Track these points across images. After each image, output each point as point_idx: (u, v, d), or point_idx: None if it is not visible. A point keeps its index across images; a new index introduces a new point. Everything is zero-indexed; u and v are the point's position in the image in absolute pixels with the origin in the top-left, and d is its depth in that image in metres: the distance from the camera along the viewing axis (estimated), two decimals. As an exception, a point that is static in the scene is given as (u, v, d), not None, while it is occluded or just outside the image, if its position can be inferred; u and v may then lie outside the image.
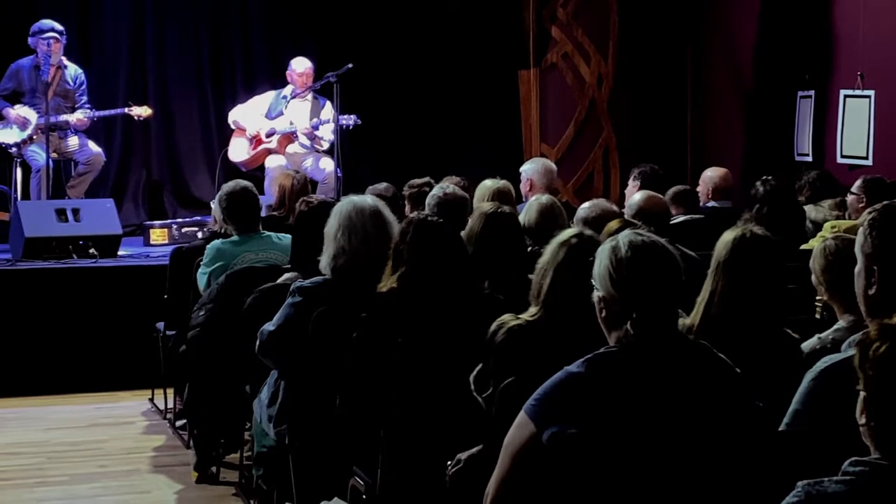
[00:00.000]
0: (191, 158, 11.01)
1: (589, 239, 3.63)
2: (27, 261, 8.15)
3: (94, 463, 6.32)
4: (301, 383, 4.52)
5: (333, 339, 4.27)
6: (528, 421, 2.86)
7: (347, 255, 4.46)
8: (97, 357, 7.86)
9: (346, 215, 4.51)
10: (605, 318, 2.96)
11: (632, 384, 2.85)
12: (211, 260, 5.94)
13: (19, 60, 9.34)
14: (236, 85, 10.71)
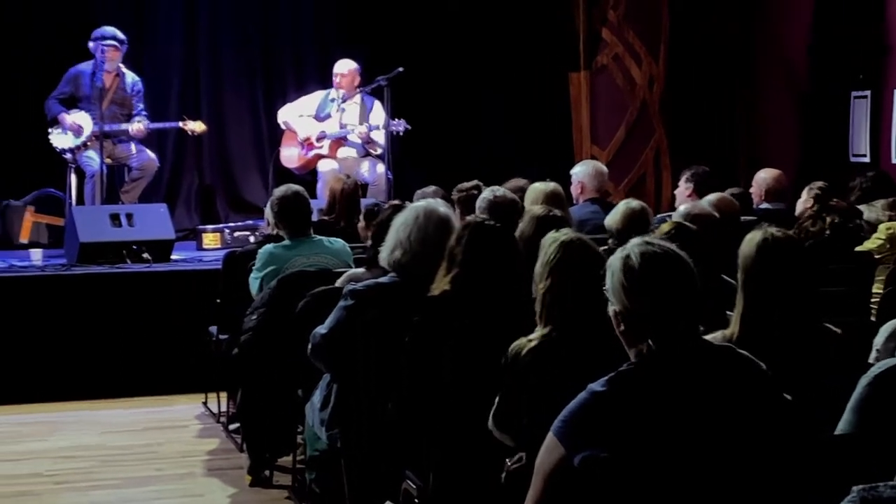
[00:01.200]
0: (243, 163, 11.08)
1: (580, 241, 3.63)
2: (82, 265, 8.22)
3: (148, 466, 6.36)
4: (353, 387, 4.52)
5: (385, 342, 4.28)
6: (557, 444, 2.81)
7: (404, 250, 4.47)
8: (151, 361, 7.91)
9: (415, 213, 4.54)
10: (623, 332, 2.89)
11: (657, 399, 2.78)
12: (263, 264, 5.97)
13: (78, 65, 9.43)
14: (287, 89, 10.75)
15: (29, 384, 7.74)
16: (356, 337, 4.41)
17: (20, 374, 7.75)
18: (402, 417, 4.19)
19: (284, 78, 11.03)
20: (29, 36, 10.30)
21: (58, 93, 9.40)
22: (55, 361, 7.80)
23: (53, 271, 8.20)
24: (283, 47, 11.14)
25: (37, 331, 7.81)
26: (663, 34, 10.92)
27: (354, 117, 9.63)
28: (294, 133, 9.74)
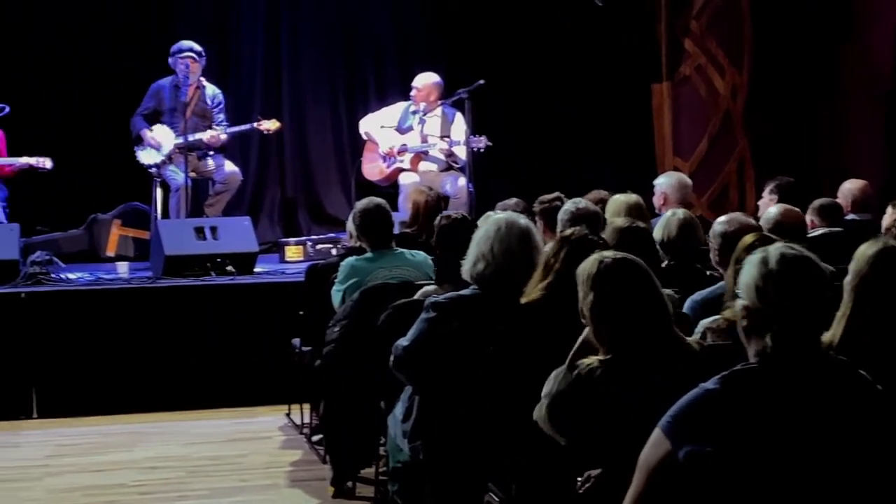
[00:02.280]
0: (324, 176, 11.16)
1: (621, 259, 3.62)
2: (167, 278, 8.31)
3: (233, 477, 6.40)
4: (435, 399, 4.52)
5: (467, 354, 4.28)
6: (663, 439, 2.83)
7: (486, 262, 4.47)
8: (235, 372, 7.98)
9: (497, 225, 4.53)
10: (745, 328, 2.92)
11: (769, 402, 2.79)
12: (345, 277, 5.99)
13: (160, 80, 9.55)
14: (369, 102, 10.81)
15: (115, 395, 7.85)
16: (438, 349, 4.41)
17: (106, 386, 7.85)
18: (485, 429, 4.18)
19: (366, 90, 11.10)
20: (115, 53, 10.46)
21: (142, 109, 9.53)
22: (141, 373, 7.90)
23: (139, 284, 8.30)
24: (364, 60, 11.21)
25: (123, 343, 7.91)
26: (746, 44, 10.83)
27: (436, 129, 9.64)
28: (375, 145, 9.78)
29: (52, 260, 8.52)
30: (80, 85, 10.39)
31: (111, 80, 10.29)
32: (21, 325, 7.78)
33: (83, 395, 7.82)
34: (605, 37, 10.96)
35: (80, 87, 10.39)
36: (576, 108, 11.00)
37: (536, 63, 10.94)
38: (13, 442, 7.23)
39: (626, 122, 11.01)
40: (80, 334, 7.87)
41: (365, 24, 11.19)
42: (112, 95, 10.04)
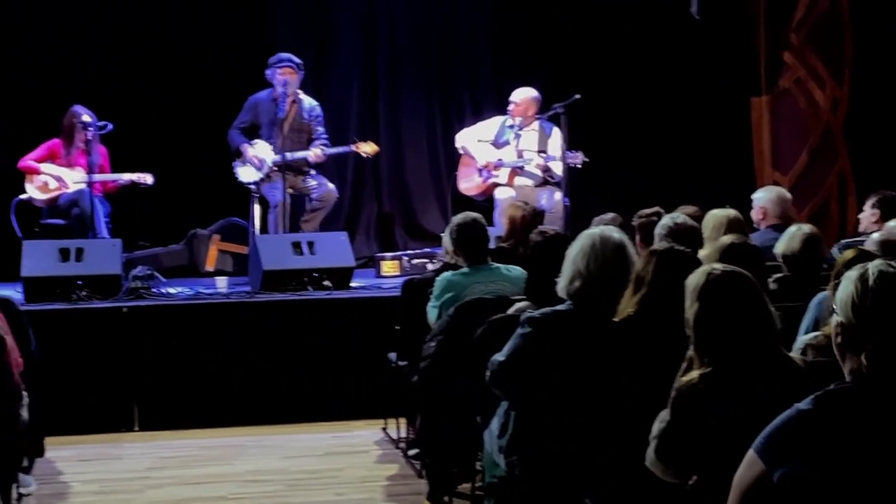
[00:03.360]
0: (420, 191, 11.21)
1: (730, 272, 3.57)
2: (265, 293, 8.39)
3: (331, 491, 6.44)
4: (531, 414, 4.51)
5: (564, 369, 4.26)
6: (756, 460, 2.79)
7: (584, 280, 4.44)
8: (332, 387, 8.03)
9: (591, 241, 4.51)
10: (839, 345, 2.86)
11: (863, 422, 2.73)
12: (441, 291, 6.00)
13: (257, 94, 9.66)
14: (465, 118, 10.83)
15: (214, 409, 7.94)
16: (534, 364, 4.40)
17: (206, 399, 7.95)
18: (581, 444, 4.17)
19: (462, 106, 11.13)
20: (212, 69, 10.61)
21: (239, 122, 9.64)
22: (240, 386, 7.98)
23: (238, 298, 8.40)
24: (460, 75, 11.25)
25: (222, 356, 8.00)
26: (847, 56, 10.68)
27: (533, 144, 9.63)
28: (471, 159, 9.79)
29: (154, 275, 8.65)
30: (180, 101, 10.55)
31: (209, 96, 10.43)
32: (123, 339, 7.91)
33: (184, 409, 7.92)
34: (703, 50, 10.88)
35: (179, 104, 10.55)
36: (673, 121, 10.93)
37: (633, 77, 10.90)
38: (115, 454, 7.34)
39: (724, 136, 10.91)
40: (181, 348, 7.98)
41: (460, 40, 11.22)
42: (210, 111, 10.17)
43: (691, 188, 9.88)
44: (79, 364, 7.80)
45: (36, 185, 9.41)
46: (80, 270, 8.29)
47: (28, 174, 9.42)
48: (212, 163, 9.96)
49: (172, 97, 10.57)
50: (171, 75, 10.63)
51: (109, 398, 7.87)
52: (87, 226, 9.09)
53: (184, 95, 10.57)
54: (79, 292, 8.13)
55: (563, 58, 10.84)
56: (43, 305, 7.97)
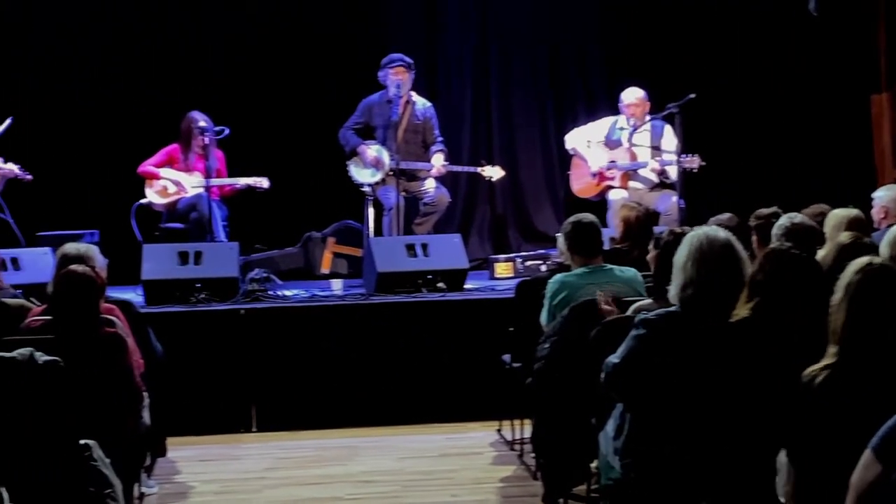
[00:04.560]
0: (534, 193, 11.19)
1: (883, 267, 3.49)
2: (380, 295, 8.44)
3: (445, 492, 6.45)
4: (647, 416, 4.48)
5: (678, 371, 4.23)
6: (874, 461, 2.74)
7: (695, 285, 4.39)
8: (446, 388, 8.05)
9: (698, 246, 4.45)
10: None
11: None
12: (554, 293, 5.98)
13: (369, 97, 9.72)
14: (578, 119, 10.78)
15: (329, 410, 8.00)
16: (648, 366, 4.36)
17: (321, 401, 8.02)
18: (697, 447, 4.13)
19: (575, 107, 11.08)
20: (325, 71, 10.71)
21: (352, 123, 9.70)
22: (355, 388, 8.04)
23: (353, 300, 8.46)
24: (572, 76, 11.21)
25: (337, 358, 8.07)
26: (970, 50, 10.44)
27: (645, 143, 9.55)
28: (583, 161, 9.75)
29: (270, 277, 8.74)
30: (295, 106, 10.67)
31: (323, 100, 10.52)
32: (240, 341, 8.01)
33: (300, 410, 8.00)
34: (822, 47, 10.71)
35: (294, 108, 10.67)
36: (792, 119, 10.77)
37: (749, 75, 10.76)
38: (234, 455, 7.45)
39: (843, 134, 10.72)
40: (297, 350, 8.07)
41: (572, 40, 11.18)
42: (324, 115, 10.24)
43: (810, 188, 9.72)
44: (198, 366, 7.93)
45: (155, 189, 9.58)
46: (199, 273, 8.42)
47: (147, 179, 9.59)
48: (327, 166, 10.05)
49: (287, 101, 10.68)
50: (285, 79, 10.75)
51: (228, 399, 7.98)
52: (206, 229, 9.23)
53: (298, 99, 10.68)
54: (197, 295, 8.25)
55: (673, 57, 10.73)
56: (162, 308, 8.11)
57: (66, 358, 4.53)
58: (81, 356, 4.97)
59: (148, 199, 9.59)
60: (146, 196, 9.59)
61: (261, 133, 10.44)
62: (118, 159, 10.01)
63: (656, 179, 9.51)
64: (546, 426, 6.07)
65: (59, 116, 10.45)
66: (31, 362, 4.38)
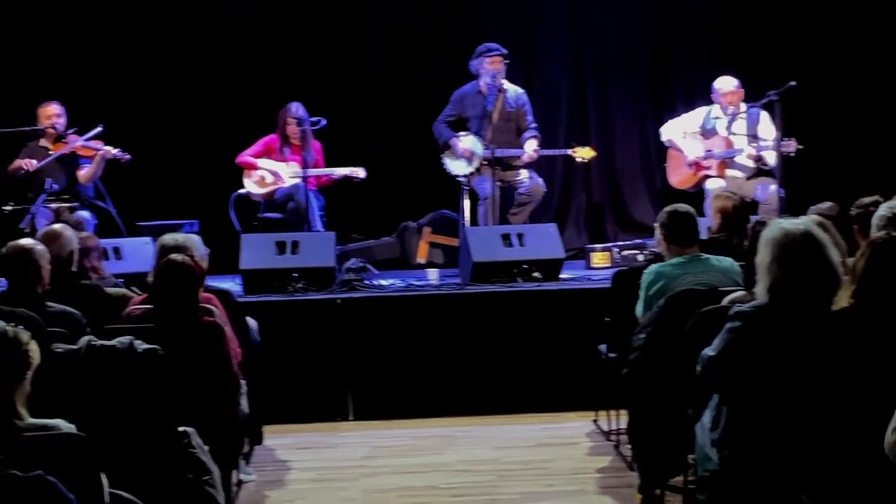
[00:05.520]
0: (631, 182, 11.13)
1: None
2: (475, 284, 8.45)
3: (541, 482, 6.45)
4: (744, 408, 4.43)
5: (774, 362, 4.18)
6: None
7: (782, 283, 4.34)
8: (542, 378, 8.04)
9: (778, 244, 4.39)
10: None
11: None
12: (650, 283, 5.94)
13: (462, 87, 9.73)
14: (676, 106, 10.69)
15: (426, 399, 8.03)
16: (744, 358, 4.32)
17: (418, 390, 8.05)
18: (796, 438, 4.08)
19: (672, 95, 10.99)
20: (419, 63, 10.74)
21: (445, 116, 9.72)
22: (450, 377, 8.06)
23: (448, 290, 8.49)
24: (670, 64, 11.12)
25: (433, 348, 8.10)
26: None
27: (742, 131, 9.44)
28: (679, 152, 9.66)
29: (366, 267, 8.80)
30: (389, 96, 10.72)
31: (417, 90, 10.56)
32: (337, 330, 8.07)
33: (396, 399, 8.04)
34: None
35: (390, 99, 10.72)
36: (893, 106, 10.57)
37: (848, 61, 10.59)
38: (331, 443, 7.51)
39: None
40: (393, 339, 8.11)
41: (670, 27, 11.08)
42: (418, 105, 10.27)
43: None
44: (295, 355, 8.00)
45: (253, 179, 9.69)
46: (296, 263, 8.49)
47: (245, 169, 9.70)
48: (422, 156, 10.07)
49: (382, 93, 10.73)
50: (380, 70, 10.80)
51: (325, 388, 8.05)
52: (303, 219, 9.31)
53: (393, 91, 10.72)
54: (294, 284, 8.33)
55: (773, 45, 10.59)
56: (260, 297, 8.20)
57: (166, 346, 4.59)
58: (181, 344, 5.03)
59: (246, 190, 9.70)
60: (244, 186, 9.70)
61: (358, 123, 10.51)
62: (217, 150, 10.13)
63: (753, 166, 9.39)
64: (642, 417, 6.03)
65: (160, 108, 10.60)
66: (130, 350, 4.45)
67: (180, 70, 10.71)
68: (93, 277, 6.71)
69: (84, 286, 6.27)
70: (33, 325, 4.50)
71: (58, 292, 5.68)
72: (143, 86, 10.58)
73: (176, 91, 10.67)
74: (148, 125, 10.42)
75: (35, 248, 5.62)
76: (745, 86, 9.47)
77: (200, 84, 10.69)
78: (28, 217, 8.62)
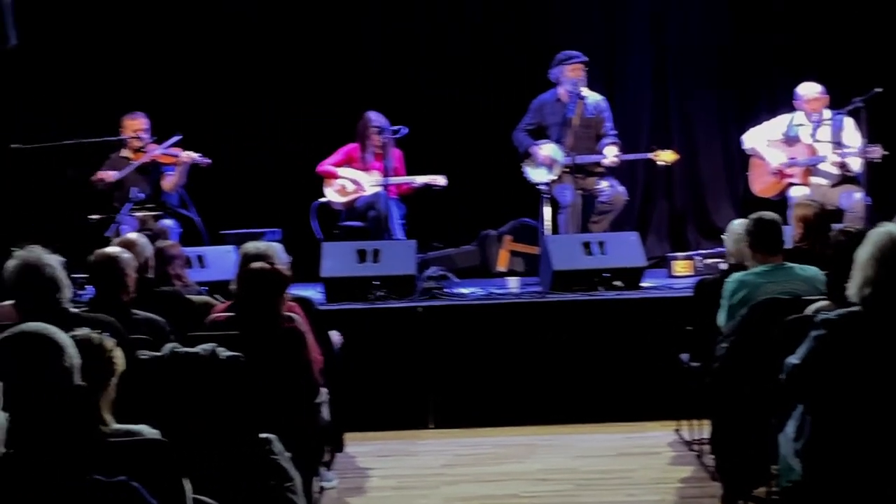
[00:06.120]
0: (714, 189, 11.03)
1: None
2: (556, 293, 8.42)
3: (622, 492, 6.41)
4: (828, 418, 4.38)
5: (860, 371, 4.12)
6: None
7: (874, 285, 4.28)
8: (623, 387, 8.00)
9: (880, 245, 4.33)
10: None
11: None
12: (733, 291, 5.90)
13: (542, 95, 9.71)
14: (759, 116, 10.58)
15: (506, 407, 8.02)
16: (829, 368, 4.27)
17: (498, 398, 8.05)
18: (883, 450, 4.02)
19: (756, 102, 10.87)
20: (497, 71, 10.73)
21: (524, 124, 9.72)
22: (531, 386, 8.05)
23: (529, 298, 8.47)
24: (753, 71, 11.00)
25: (514, 356, 8.08)
26: None
27: (826, 138, 9.32)
28: (762, 160, 9.56)
29: (447, 275, 8.82)
30: (469, 104, 10.71)
31: (498, 98, 10.54)
32: (418, 339, 8.09)
33: (477, 407, 8.04)
34: None
35: (468, 107, 10.71)
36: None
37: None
38: (412, 451, 7.52)
39: None
40: (474, 347, 8.11)
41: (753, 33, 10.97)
42: (499, 113, 10.26)
43: None
44: (376, 362, 8.03)
45: (334, 188, 9.75)
46: (377, 271, 8.53)
47: (326, 178, 9.76)
48: (503, 164, 10.07)
49: (463, 100, 10.74)
50: (462, 78, 10.81)
51: (406, 396, 8.07)
52: (384, 227, 9.35)
53: (472, 100, 10.72)
54: (375, 292, 8.36)
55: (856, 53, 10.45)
56: (341, 305, 8.24)
57: (249, 353, 4.63)
58: (263, 351, 5.07)
59: (327, 198, 9.76)
60: (325, 195, 9.76)
61: (438, 131, 10.52)
62: (299, 159, 10.21)
63: (838, 173, 9.27)
64: (725, 426, 5.99)
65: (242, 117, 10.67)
66: (213, 357, 4.50)
67: (263, 80, 10.79)
68: (176, 285, 6.79)
69: (166, 293, 6.35)
70: (118, 331, 4.56)
71: (141, 300, 5.74)
72: (226, 95, 10.67)
73: (258, 100, 10.75)
74: (230, 135, 10.50)
75: (121, 256, 5.69)
76: (829, 92, 9.35)
77: (283, 93, 10.76)
78: (113, 226, 8.75)
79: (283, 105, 10.76)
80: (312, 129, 10.47)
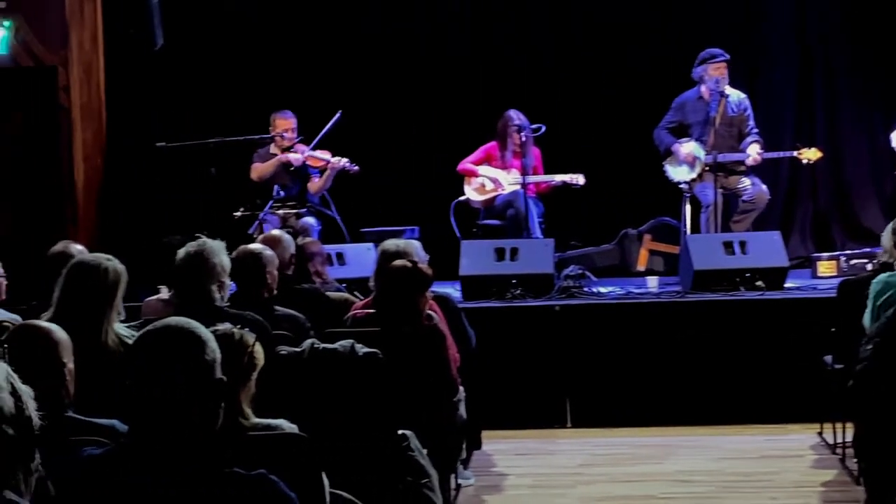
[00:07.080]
0: (860, 188, 10.81)
1: None
2: (696, 292, 8.34)
3: (764, 495, 6.33)
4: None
5: None
6: None
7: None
8: (765, 388, 7.89)
9: None
10: None
11: None
12: (878, 293, 5.77)
13: (684, 94, 9.61)
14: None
15: (645, 407, 7.97)
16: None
17: (636, 398, 7.99)
18: None
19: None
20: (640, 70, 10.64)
21: (666, 122, 9.63)
22: (670, 386, 7.98)
23: (668, 298, 8.40)
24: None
25: (653, 356, 8.02)
26: None
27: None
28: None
29: (585, 274, 8.79)
30: (609, 103, 10.65)
31: (638, 97, 10.46)
32: (555, 337, 8.08)
33: (615, 406, 8.00)
34: None
35: (608, 105, 10.66)
36: None
37: None
38: (549, 449, 7.51)
39: None
40: (612, 347, 8.07)
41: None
42: (639, 111, 10.18)
43: None
44: (513, 361, 8.03)
45: (473, 186, 9.78)
46: (515, 269, 8.54)
47: (466, 177, 9.80)
48: (642, 163, 9.99)
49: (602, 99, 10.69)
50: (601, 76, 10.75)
51: (543, 394, 8.06)
52: (522, 226, 9.35)
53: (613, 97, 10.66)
54: (513, 291, 8.37)
55: None
56: (479, 303, 8.27)
57: (387, 350, 4.67)
58: (402, 348, 5.11)
59: (466, 196, 9.80)
60: (465, 193, 9.80)
61: (577, 130, 10.49)
62: (439, 158, 10.26)
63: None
64: (870, 430, 5.85)
65: (384, 116, 10.78)
66: (351, 354, 4.55)
67: (403, 78, 10.87)
68: (316, 282, 6.88)
69: (306, 290, 6.43)
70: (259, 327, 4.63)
71: (282, 296, 5.82)
72: (367, 94, 10.76)
73: (399, 99, 10.84)
74: (371, 134, 10.60)
75: (264, 252, 5.78)
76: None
77: (423, 92, 10.83)
78: (256, 223, 8.90)
79: (426, 103, 10.83)
80: (454, 127, 10.52)
